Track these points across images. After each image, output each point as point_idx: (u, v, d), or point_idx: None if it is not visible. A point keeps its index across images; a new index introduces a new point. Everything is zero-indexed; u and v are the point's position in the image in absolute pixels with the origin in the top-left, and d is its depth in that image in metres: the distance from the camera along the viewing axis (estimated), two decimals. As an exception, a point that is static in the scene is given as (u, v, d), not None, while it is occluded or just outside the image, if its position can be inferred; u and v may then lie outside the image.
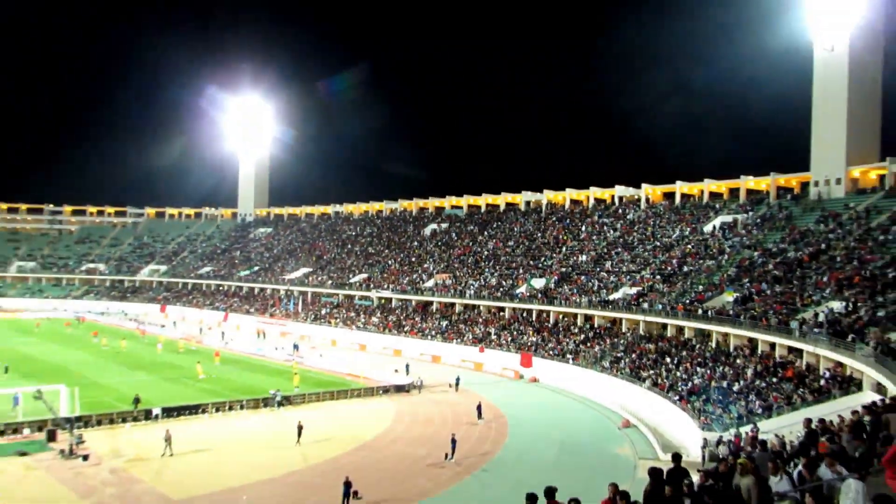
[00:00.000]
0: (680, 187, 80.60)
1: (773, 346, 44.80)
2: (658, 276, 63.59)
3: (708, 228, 68.37)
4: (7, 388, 46.02)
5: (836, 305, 41.56)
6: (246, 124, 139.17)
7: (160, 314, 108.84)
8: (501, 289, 76.47)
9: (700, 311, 52.64)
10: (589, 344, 61.17)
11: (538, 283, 73.10)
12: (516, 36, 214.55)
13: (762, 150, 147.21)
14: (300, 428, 39.12)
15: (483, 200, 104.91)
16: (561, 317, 68.44)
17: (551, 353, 62.69)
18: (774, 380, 41.23)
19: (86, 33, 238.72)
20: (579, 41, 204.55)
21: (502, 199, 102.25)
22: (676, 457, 13.26)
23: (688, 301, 55.44)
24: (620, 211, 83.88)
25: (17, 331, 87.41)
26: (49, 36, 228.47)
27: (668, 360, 51.52)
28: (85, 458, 34.86)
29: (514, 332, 69.30)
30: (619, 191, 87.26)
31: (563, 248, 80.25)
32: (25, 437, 38.59)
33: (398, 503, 29.11)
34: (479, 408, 46.71)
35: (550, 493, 10.76)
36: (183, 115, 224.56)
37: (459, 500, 29.66)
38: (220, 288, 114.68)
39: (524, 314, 72.11)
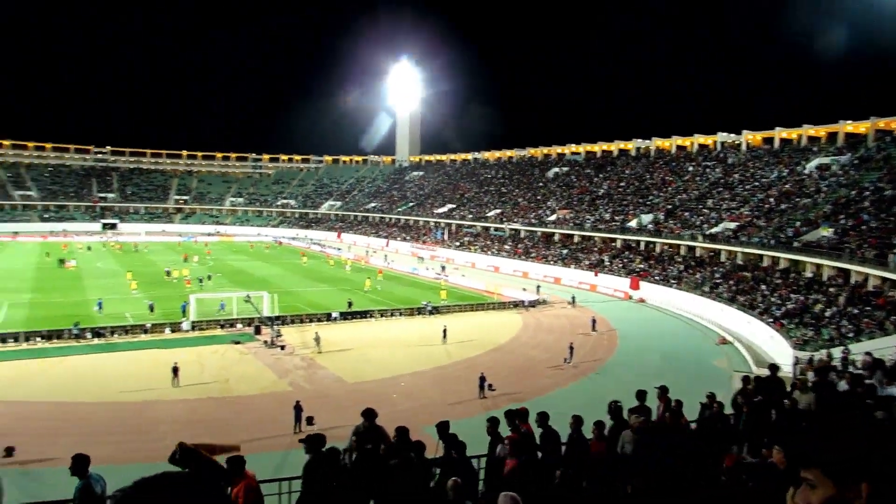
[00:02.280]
0: (779, 132, 73.94)
1: (866, 277, 40.93)
2: (756, 213, 59.27)
3: (805, 169, 62.56)
4: (219, 294, 50.09)
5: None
6: (401, 87, 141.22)
7: (336, 240, 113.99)
8: (614, 223, 74.11)
9: (795, 244, 48.78)
10: (691, 271, 58.36)
11: (646, 218, 70.14)
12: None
13: (861, 96, 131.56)
14: (445, 331, 40.24)
15: (598, 147, 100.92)
16: (666, 247, 65.62)
17: (657, 278, 60.41)
18: (867, 308, 37.80)
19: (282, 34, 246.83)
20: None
21: (615, 146, 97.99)
22: (773, 367, 12.45)
23: (784, 235, 51.46)
24: (722, 155, 78.23)
25: (232, 251, 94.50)
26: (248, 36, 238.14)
27: (763, 287, 48.35)
28: (282, 347, 37.52)
29: (625, 260, 67.22)
30: (721, 137, 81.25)
31: (669, 188, 76.24)
32: (238, 330, 42.01)
33: (524, 395, 29.39)
34: (593, 321, 46.01)
35: (664, 390, 10.38)
36: (354, 82, 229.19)
37: (575, 396, 29.56)
38: (383, 220, 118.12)
39: (633, 244, 69.72)
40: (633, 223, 70.76)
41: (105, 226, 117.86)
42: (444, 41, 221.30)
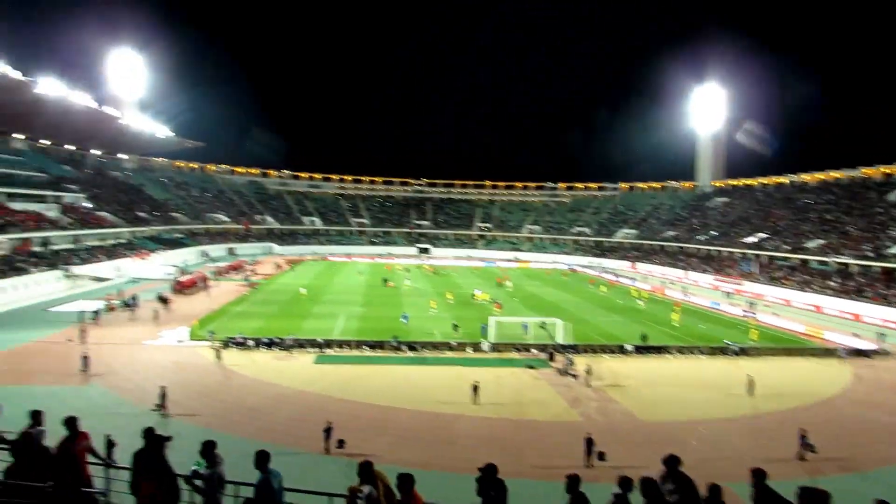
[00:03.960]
0: None
1: None
2: None
3: None
4: (521, 318, 52.25)
5: None
6: (704, 108, 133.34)
7: (630, 269, 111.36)
8: None
9: None
10: None
11: None
12: None
13: None
14: (751, 381, 35.66)
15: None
16: None
17: None
18: None
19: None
20: None
21: None
22: None
23: None
24: None
25: (528, 276, 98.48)
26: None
27: None
28: (574, 376, 37.58)
29: None
30: None
31: None
32: (533, 355, 43.23)
33: (858, 464, 24.83)
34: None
35: None
36: (652, 106, 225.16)
37: (930, 474, 23.99)
38: (681, 249, 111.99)
39: None
40: None
41: (420, 250, 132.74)
42: (753, 56, 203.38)
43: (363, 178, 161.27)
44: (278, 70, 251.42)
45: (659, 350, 45.49)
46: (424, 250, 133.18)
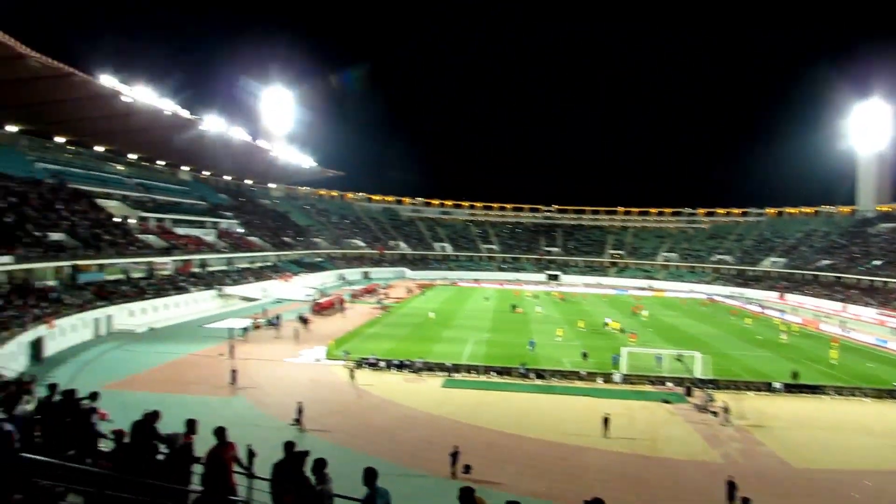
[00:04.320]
0: None
1: None
2: None
3: None
4: (655, 349, 49.91)
5: None
6: (866, 126, 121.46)
7: (778, 300, 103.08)
8: None
9: None
10: None
11: None
12: None
13: None
14: None
15: None
16: None
17: None
18: None
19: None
20: None
21: None
22: None
23: None
24: None
25: (663, 305, 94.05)
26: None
27: None
28: (714, 414, 35.15)
29: None
30: None
31: None
32: (668, 388, 40.96)
33: None
34: None
35: None
36: (801, 126, 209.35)
37: None
38: (839, 280, 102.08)
39: None
40: None
41: (549, 276, 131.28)
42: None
43: (493, 205, 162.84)
44: (413, 101, 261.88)
45: (813, 389, 41.44)
46: (554, 277, 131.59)
